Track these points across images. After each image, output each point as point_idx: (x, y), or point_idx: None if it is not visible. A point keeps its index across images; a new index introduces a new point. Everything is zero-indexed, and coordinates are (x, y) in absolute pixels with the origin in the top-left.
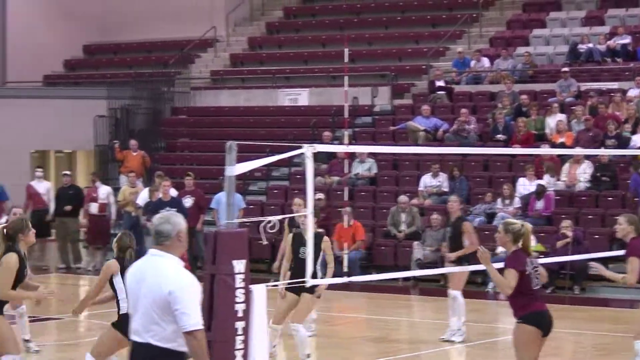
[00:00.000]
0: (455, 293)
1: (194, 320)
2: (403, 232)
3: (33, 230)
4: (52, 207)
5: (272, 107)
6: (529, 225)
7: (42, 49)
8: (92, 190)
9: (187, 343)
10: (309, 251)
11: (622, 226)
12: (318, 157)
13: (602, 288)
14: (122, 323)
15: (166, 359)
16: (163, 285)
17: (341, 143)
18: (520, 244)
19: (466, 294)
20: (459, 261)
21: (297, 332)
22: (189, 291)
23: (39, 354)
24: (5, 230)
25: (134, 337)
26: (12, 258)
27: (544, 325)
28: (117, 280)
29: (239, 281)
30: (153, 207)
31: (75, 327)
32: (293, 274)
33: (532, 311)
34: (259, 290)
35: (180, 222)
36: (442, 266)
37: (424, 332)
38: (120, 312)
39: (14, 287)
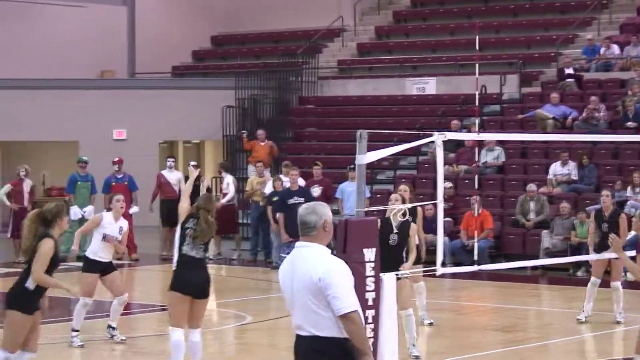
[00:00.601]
0: (617, 284)
1: (347, 302)
2: (531, 221)
3: (67, 217)
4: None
5: (400, 96)
6: None
7: (170, 40)
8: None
9: (345, 327)
10: (439, 238)
11: None
12: (446, 145)
13: None
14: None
15: (332, 347)
16: (312, 273)
17: (470, 131)
18: None
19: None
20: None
21: (409, 316)
22: (338, 275)
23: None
24: (42, 214)
25: (298, 332)
26: (48, 244)
27: None
28: None
29: (369, 269)
30: (282, 196)
31: None
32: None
33: None
34: (389, 279)
35: (326, 212)
36: (571, 254)
37: (552, 321)
38: None
39: (48, 273)
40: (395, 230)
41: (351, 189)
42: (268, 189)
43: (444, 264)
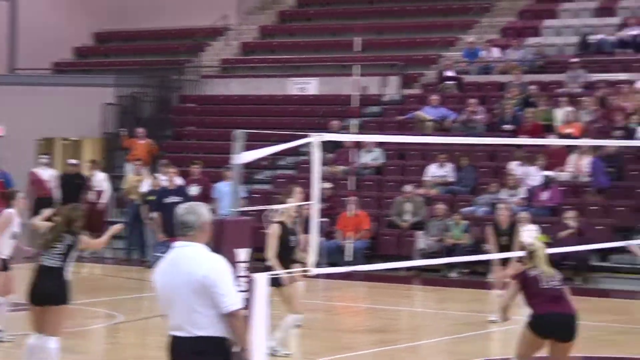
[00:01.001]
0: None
1: (234, 299)
2: (407, 222)
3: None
4: (56, 194)
5: (281, 96)
6: None
7: (52, 36)
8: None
9: (230, 324)
10: (313, 238)
11: None
12: (325, 146)
13: (603, 279)
14: None
15: (211, 346)
16: (197, 271)
17: (349, 132)
18: None
19: (467, 284)
20: None
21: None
22: (223, 273)
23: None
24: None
25: (176, 333)
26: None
27: None
28: None
29: (241, 270)
30: (159, 195)
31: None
32: (286, 262)
33: None
34: (261, 279)
35: (204, 212)
36: (445, 256)
37: (424, 322)
38: None
39: None
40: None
41: (227, 188)
42: (145, 187)
43: (319, 265)
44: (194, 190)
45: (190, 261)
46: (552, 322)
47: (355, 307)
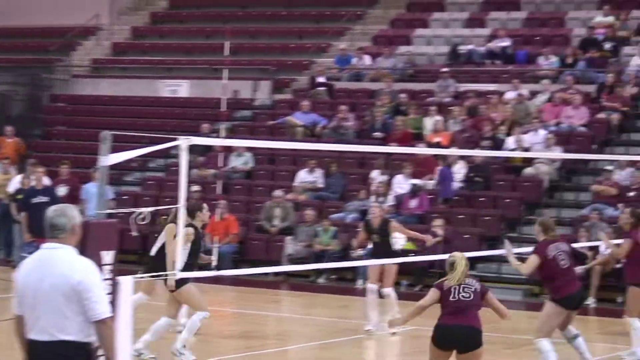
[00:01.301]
0: (388, 290)
1: (106, 307)
2: (276, 227)
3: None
4: None
5: (152, 98)
6: None
7: None
8: None
9: (99, 331)
10: (179, 242)
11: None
12: (195, 149)
13: None
14: None
15: (78, 351)
16: (71, 275)
17: (219, 136)
18: None
19: (335, 290)
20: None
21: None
22: (96, 279)
23: None
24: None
25: (39, 337)
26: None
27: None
28: None
29: (106, 272)
30: (26, 195)
31: None
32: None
33: None
34: (126, 282)
35: (75, 215)
36: (313, 262)
37: (291, 327)
38: None
39: None
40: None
41: (95, 190)
42: (13, 186)
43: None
44: (62, 190)
45: (63, 264)
46: (447, 334)
47: (222, 311)
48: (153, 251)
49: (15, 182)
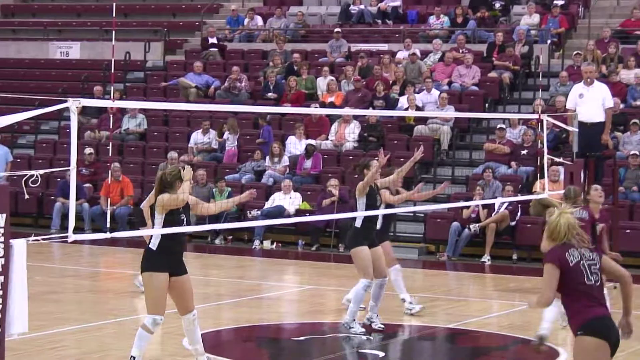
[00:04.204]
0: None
1: None
2: None
3: (188, 181)
4: None
5: (43, 60)
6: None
7: None
8: None
9: None
10: (71, 204)
11: None
12: (88, 111)
13: None
14: None
15: None
16: None
17: (111, 98)
18: None
19: (235, 251)
20: None
21: None
22: None
23: None
24: (163, 175)
25: None
26: (165, 195)
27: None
28: None
29: None
30: None
31: None
32: None
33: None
34: (20, 245)
35: None
36: (210, 223)
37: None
38: None
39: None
40: None
41: None
42: None
43: (82, 230)
44: None
45: None
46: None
47: (121, 273)
48: None
49: None
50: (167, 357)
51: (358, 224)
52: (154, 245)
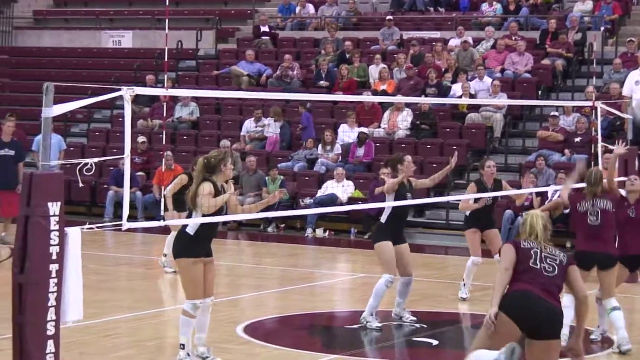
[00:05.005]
0: None
1: None
2: None
3: (231, 166)
4: None
5: (95, 49)
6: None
7: None
8: None
9: None
10: (125, 192)
11: None
12: (140, 100)
13: (419, 234)
14: None
15: None
16: None
17: (164, 86)
18: None
19: (287, 239)
20: None
21: None
22: None
23: None
24: (206, 160)
25: None
26: (207, 186)
27: None
28: None
29: (53, 223)
30: None
31: None
32: None
33: None
34: (74, 233)
35: None
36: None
37: (242, 276)
38: None
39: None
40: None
41: (52, 140)
42: None
43: (135, 219)
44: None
45: None
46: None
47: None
48: None
49: None
50: (211, 344)
51: (383, 219)
52: (191, 230)
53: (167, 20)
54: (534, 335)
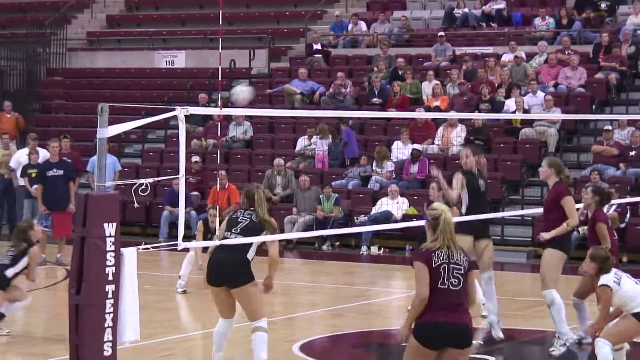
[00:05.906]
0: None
1: None
2: (278, 195)
3: None
4: None
5: (149, 69)
6: None
7: None
8: None
9: None
10: (180, 212)
11: (543, 169)
12: (194, 119)
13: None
14: None
15: None
16: None
17: (216, 106)
18: None
19: (342, 257)
20: None
21: None
22: None
23: None
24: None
25: None
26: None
27: None
28: None
29: (109, 244)
30: (41, 168)
31: None
32: None
33: None
34: (130, 254)
35: None
36: (316, 229)
37: (299, 296)
38: None
39: None
40: None
41: (107, 161)
42: (15, 161)
43: (190, 238)
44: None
45: None
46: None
47: None
48: None
49: (18, 157)
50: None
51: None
52: (250, 256)
53: (220, 40)
54: (445, 350)
